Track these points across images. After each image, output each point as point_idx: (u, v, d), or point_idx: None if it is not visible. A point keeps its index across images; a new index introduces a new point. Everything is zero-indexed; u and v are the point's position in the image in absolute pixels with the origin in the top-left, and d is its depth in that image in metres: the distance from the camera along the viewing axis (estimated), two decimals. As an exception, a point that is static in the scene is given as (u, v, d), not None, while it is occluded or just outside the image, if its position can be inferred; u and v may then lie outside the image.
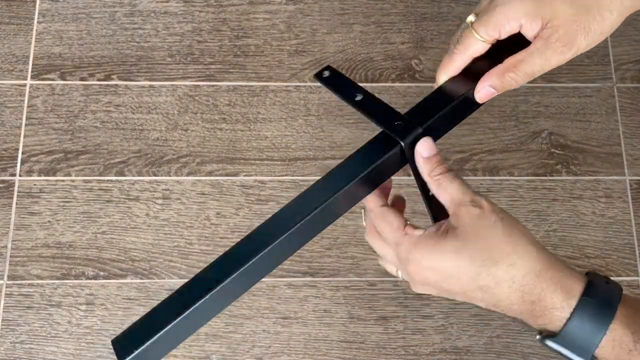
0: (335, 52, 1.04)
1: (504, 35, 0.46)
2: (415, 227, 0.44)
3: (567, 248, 0.97)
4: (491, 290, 0.40)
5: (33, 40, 1.03)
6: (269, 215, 0.51)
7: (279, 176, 0.98)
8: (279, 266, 0.96)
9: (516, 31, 0.45)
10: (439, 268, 0.41)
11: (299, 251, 0.98)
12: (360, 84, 0.53)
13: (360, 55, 1.04)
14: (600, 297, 0.39)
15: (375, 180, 0.48)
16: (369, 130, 1.00)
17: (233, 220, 0.96)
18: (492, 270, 0.40)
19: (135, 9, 1.05)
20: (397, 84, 1.03)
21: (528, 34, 0.45)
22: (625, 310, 0.39)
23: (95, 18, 1.04)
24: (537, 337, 0.42)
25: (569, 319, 0.38)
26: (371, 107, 0.51)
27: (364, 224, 0.49)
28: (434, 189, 0.45)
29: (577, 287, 0.39)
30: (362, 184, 0.47)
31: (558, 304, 0.39)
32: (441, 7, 1.08)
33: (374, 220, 0.47)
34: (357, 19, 1.07)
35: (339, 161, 0.56)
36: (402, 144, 0.46)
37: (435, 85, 0.50)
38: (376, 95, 0.53)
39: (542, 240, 0.97)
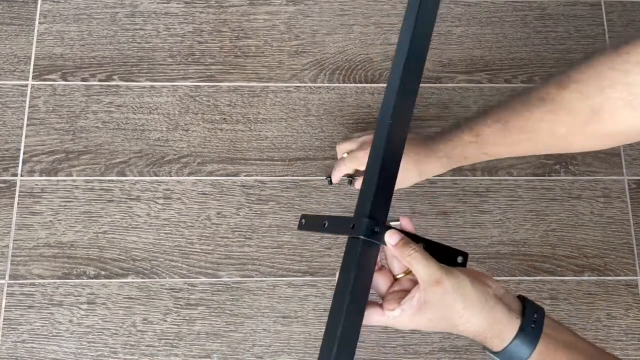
0: (335, 53, 1.05)
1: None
2: (390, 309, 0.58)
3: (566, 248, 0.97)
4: (454, 331, 0.58)
5: (34, 40, 1.03)
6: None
7: (280, 176, 0.98)
8: (280, 265, 0.97)
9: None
10: (420, 326, 0.58)
11: (299, 251, 0.99)
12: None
13: (360, 56, 1.05)
14: (529, 332, 0.55)
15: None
16: (369, 130, 1.01)
17: (234, 220, 0.96)
18: (455, 328, 0.57)
19: (136, 10, 1.06)
20: (396, 85, 1.03)
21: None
22: (548, 332, 0.56)
23: (97, 19, 1.05)
24: (484, 349, 0.59)
25: (507, 346, 0.56)
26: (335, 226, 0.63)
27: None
28: (408, 266, 0.58)
29: (508, 335, 0.56)
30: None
31: (498, 342, 0.56)
32: (440, 7, 1.08)
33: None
34: (357, 20, 1.07)
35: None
36: (361, 238, 0.57)
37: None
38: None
39: (540, 240, 0.97)
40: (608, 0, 1.10)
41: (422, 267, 0.56)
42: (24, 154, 0.98)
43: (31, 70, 1.02)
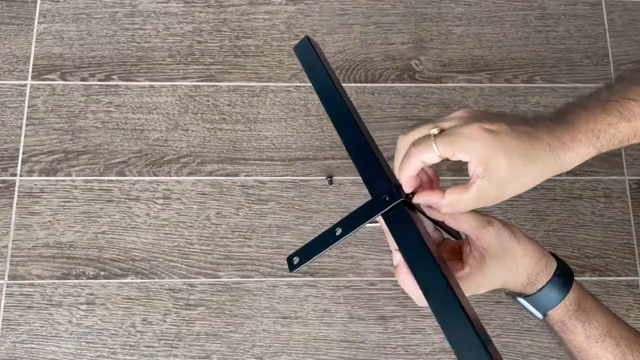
0: (335, 53, 1.04)
1: (454, 159, 0.53)
2: (457, 269, 0.55)
3: (567, 248, 0.97)
4: (513, 277, 0.57)
5: (34, 40, 1.03)
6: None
7: (279, 176, 0.98)
8: (279, 266, 0.96)
9: (465, 161, 0.52)
10: (485, 284, 0.56)
11: (299, 251, 0.97)
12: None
13: (360, 55, 1.04)
14: (561, 279, 0.57)
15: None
16: (369, 130, 1.01)
17: (233, 220, 0.96)
18: (516, 268, 0.56)
19: (135, 10, 1.05)
20: (397, 84, 1.03)
21: (471, 168, 0.52)
22: (574, 289, 0.57)
23: (96, 18, 1.05)
24: (506, 291, 0.60)
25: (541, 289, 0.57)
26: (352, 221, 0.57)
27: (394, 264, 0.56)
28: (452, 223, 0.55)
29: (551, 269, 0.57)
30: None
31: (540, 282, 0.57)
32: (441, 7, 1.08)
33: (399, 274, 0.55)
34: (357, 20, 1.07)
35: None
36: (402, 200, 0.53)
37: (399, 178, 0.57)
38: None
39: (541, 240, 0.97)
40: (609, 0, 1.10)
41: (468, 214, 0.54)
42: (23, 154, 0.97)
43: (30, 70, 1.01)
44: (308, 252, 0.59)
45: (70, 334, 0.91)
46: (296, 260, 0.58)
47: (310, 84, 0.56)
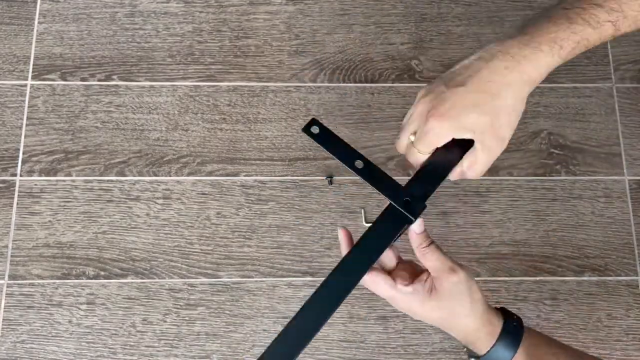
0: (335, 53, 1.04)
1: (440, 145, 0.59)
2: (404, 284, 0.58)
3: (567, 248, 0.97)
4: (449, 326, 0.60)
5: (34, 40, 1.03)
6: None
7: (279, 176, 0.98)
8: (279, 266, 0.96)
9: (450, 140, 0.58)
10: (419, 314, 0.59)
11: (299, 251, 0.98)
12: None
13: (360, 55, 1.05)
14: (507, 340, 0.58)
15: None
16: (369, 130, 1.01)
17: (233, 220, 0.96)
18: (455, 320, 0.59)
19: (135, 10, 1.05)
20: (396, 84, 1.03)
21: (465, 136, 0.58)
22: (526, 341, 0.58)
23: (96, 18, 1.05)
24: (465, 350, 0.63)
25: (488, 352, 0.58)
26: (374, 176, 0.59)
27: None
28: (419, 257, 0.58)
29: (497, 330, 0.58)
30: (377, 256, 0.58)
31: (484, 346, 0.58)
32: (441, 7, 1.08)
33: (366, 283, 0.59)
34: (357, 20, 1.07)
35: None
36: (412, 219, 0.57)
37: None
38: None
39: (541, 240, 0.97)
40: (609, 0, 1.10)
41: (438, 256, 0.57)
42: (23, 154, 0.98)
43: (30, 70, 1.01)
44: (327, 139, 0.60)
45: (70, 334, 0.91)
46: (315, 130, 0.60)
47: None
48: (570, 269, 0.96)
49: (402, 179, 0.98)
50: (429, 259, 0.58)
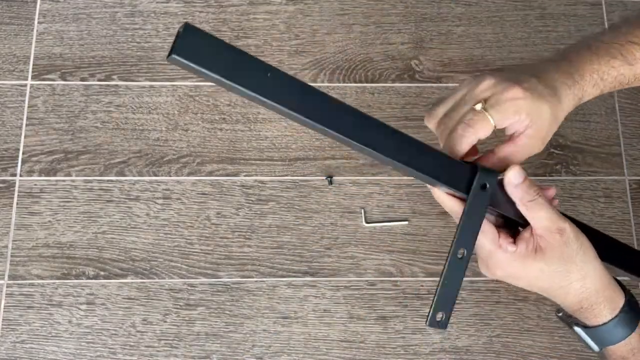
0: (335, 53, 1.04)
1: (506, 124, 0.54)
2: (508, 242, 0.51)
3: (567, 248, 0.97)
4: (555, 298, 0.53)
5: (34, 40, 1.03)
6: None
7: (279, 176, 0.98)
8: (279, 266, 0.96)
9: (509, 123, 0.54)
10: (522, 278, 0.52)
11: (299, 251, 0.98)
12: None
13: (360, 55, 1.04)
14: (630, 315, 0.52)
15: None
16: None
17: (233, 220, 0.96)
18: (566, 286, 0.51)
19: (135, 10, 1.05)
20: (396, 84, 1.03)
21: (515, 126, 0.54)
22: None
23: (96, 18, 1.05)
24: (560, 314, 0.56)
25: (605, 324, 0.52)
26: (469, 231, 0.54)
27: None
28: (524, 214, 0.52)
29: (615, 303, 0.52)
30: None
31: (602, 314, 0.52)
32: (441, 7, 1.08)
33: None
34: (357, 20, 1.07)
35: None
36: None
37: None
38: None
39: (541, 240, 0.97)
40: (609, 0, 1.10)
41: (545, 212, 0.51)
42: (23, 154, 0.98)
43: (30, 70, 1.01)
44: (445, 300, 0.52)
45: (70, 334, 0.91)
46: (440, 316, 0.51)
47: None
48: (570, 269, 0.96)
49: (402, 179, 0.99)
50: (534, 216, 0.51)
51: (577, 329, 0.54)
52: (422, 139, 0.52)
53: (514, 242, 0.51)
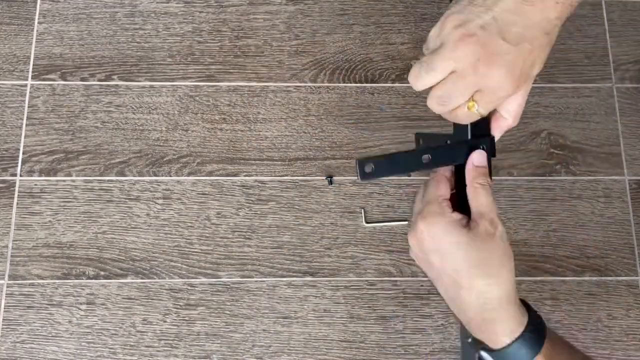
0: (335, 53, 1.04)
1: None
2: (450, 208, 0.51)
3: (567, 248, 0.97)
4: (460, 290, 0.50)
5: (34, 40, 1.03)
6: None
7: (279, 176, 0.98)
8: (279, 266, 0.96)
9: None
10: (440, 242, 0.50)
11: (299, 251, 0.98)
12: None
13: (360, 55, 1.05)
14: (534, 336, 0.50)
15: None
16: (369, 130, 1.01)
17: (233, 220, 0.96)
18: (474, 278, 0.49)
19: (135, 10, 1.05)
20: (396, 85, 1.03)
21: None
22: (548, 344, 0.50)
23: (96, 18, 1.05)
24: (469, 340, 0.53)
25: (509, 345, 0.49)
26: (442, 155, 0.56)
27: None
28: (469, 193, 0.52)
29: (523, 322, 0.50)
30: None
31: (505, 332, 0.50)
32: (441, 7, 1.08)
33: (432, 179, 0.54)
34: (357, 20, 1.07)
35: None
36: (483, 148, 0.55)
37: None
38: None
39: (541, 240, 0.97)
40: (609, 0, 1.10)
41: (487, 200, 0.51)
42: (23, 154, 0.98)
43: (30, 70, 1.01)
44: (386, 166, 0.53)
45: (70, 334, 0.91)
46: (369, 168, 0.52)
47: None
48: (570, 269, 0.96)
49: (402, 179, 0.99)
50: (477, 199, 0.51)
51: (484, 354, 0.51)
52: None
53: (454, 209, 0.52)
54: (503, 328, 0.50)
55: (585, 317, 0.94)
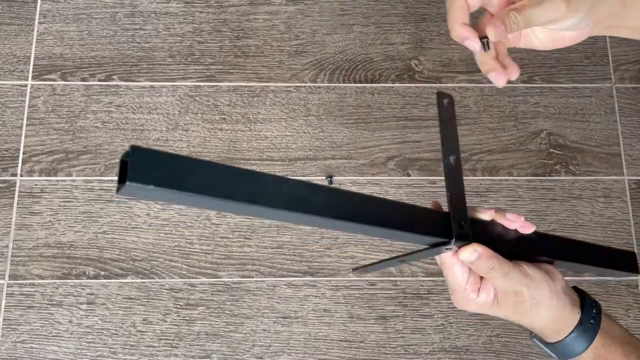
0: (335, 53, 1.05)
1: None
2: (473, 289, 0.53)
3: (566, 248, 0.97)
4: (520, 323, 0.56)
5: (34, 40, 1.03)
6: None
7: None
8: (279, 266, 0.96)
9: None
10: (486, 312, 0.55)
11: (299, 251, 0.98)
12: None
13: (360, 55, 1.05)
14: (587, 326, 0.53)
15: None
16: (369, 130, 1.01)
17: (233, 220, 0.96)
18: (522, 322, 0.55)
19: (136, 10, 1.06)
20: (396, 85, 1.03)
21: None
22: (601, 332, 0.54)
23: (96, 19, 1.05)
24: (532, 337, 0.57)
25: (562, 339, 0.53)
26: (453, 178, 0.54)
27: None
28: (485, 276, 0.53)
29: (572, 322, 0.53)
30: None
31: (553, 334, 0.54)
32: (440, 8, 1.08)
33: (443, 268, 0.54)
34: (357, 20, 1.07)
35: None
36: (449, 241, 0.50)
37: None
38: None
39: (541, 240, 0.97)
40: (608, 0, 1.10)
41: (501, 282, 0.53)
42: (23, 154, 0.98)
43: (31, 70, 1.01)
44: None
45: (70, 333, 0.91)
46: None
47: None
48: (570, 268, 0.96)
49: (402, 180, 0.99)
50: (493, 282, 0.53)
51: (537, 342, 0.56)
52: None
53: (479, 290, 0.53)
54: (557, 333, 0.54)
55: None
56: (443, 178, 0.52)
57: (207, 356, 0.91)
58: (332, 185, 0.97)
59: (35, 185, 0.96)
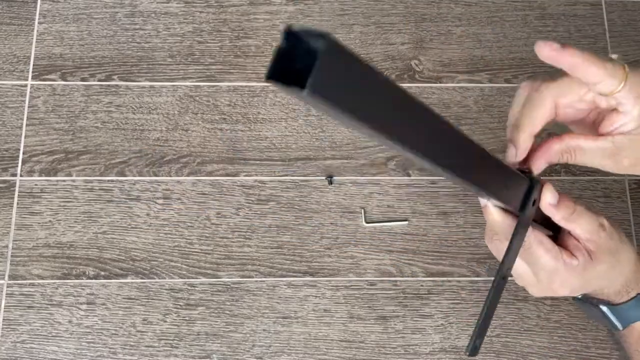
0: (335, 53, 1.04)
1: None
2: (567, 255, 0.50)
3: (567, 248, 0.97)
4: (605, 286, 0.53)
5: (34, 40, 1.03)
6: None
7: (279, 176, 0.98)
8: (279, 266, 0.96)
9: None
10: (584, 286, 0.51)
11: (299, 251, 0.98)
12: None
13: (360, 55, 1.04)
14: None
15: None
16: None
17: (233, 220, 0.96)
18: (614, 278, 0.52)
19: (136, 10, 1.06)
20: (396, 85, 1.03)
21: (619, 118, 0.49)
22: None
23: (96, 19, 1.05)
24: (579, 296, 0.55)
25: (629, 300, 0.52)
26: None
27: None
28: (565, 225, 0.50)
29: None
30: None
31: (629, 293, 0.52)
32: (441, 7, 1.08)
33: (531, 245, 0.49)
34: (357, 20, 1.07)
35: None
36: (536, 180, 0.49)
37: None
38: None
39: (541, 240, 0.97)
40: (609, 0, 1.10)
41: (585, 218, 0.49)
42: (23, 154, 0.98)
43: (30, 70, 1.01)
44: (485, 327, 0.47)
45: (70, 333, 0.91)
46: (478, 342, 0.47)
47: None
48: (570, 269, 0.96)
49: (402, 180, 0.99)
50: (576, 226, 0.49)
51: (603, 308, 0.53)
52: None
53: (572, 256, 0.49)
54: (626, 291, 0.52)
55: (585, 317, 0.94)
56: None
57: (207, 356, 0.91)
58: (332, 184, 0.97)
59: (35, 185, 0.96)
